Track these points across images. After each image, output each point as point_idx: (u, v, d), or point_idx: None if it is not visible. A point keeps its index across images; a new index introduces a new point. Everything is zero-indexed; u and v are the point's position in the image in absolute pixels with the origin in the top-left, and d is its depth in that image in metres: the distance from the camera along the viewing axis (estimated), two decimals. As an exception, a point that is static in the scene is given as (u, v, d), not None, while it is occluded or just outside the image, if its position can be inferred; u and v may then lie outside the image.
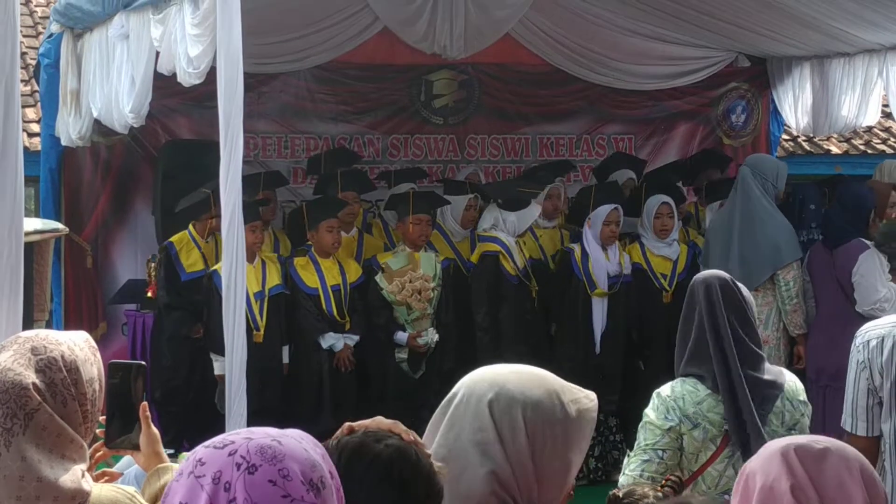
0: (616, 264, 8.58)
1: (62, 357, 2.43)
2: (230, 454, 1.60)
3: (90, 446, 2.72)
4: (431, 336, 8.04)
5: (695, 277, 4.27)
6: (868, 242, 7.74)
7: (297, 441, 1.66)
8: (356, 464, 2.01)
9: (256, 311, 7.78)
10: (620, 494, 3.32)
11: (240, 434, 1.65)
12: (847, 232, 7.80)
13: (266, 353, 7.81)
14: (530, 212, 8.50)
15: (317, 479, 1.61)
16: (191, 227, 8.20)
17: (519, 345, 8.16)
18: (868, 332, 3.99)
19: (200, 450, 1.64)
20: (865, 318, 7.41)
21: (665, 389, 4.18)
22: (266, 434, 1.65)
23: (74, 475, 2.36)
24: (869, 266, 7.66)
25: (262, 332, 7.79)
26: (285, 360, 8.04)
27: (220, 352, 6.71)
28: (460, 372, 2.41)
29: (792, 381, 4.13)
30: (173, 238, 8.22)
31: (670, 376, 4.34)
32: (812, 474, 1.96)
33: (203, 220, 8.09)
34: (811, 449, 1.99)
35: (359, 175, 9.24)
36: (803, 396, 4.10)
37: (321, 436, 1.83)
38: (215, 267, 7.41)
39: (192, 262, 8.14)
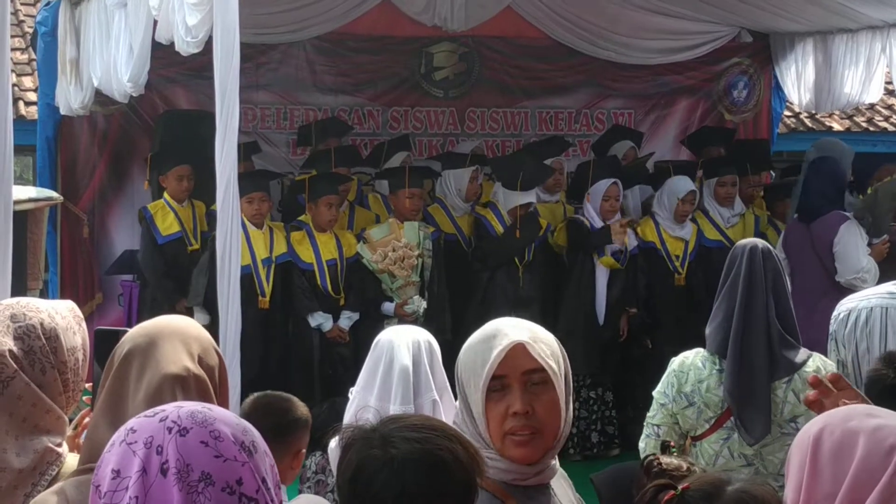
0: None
1: (41, 324, 2.40)
2: (161, 420, 1.66)
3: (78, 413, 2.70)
4: (418, 304, 7.96)
5: (737, 243, 4.25)
6: (848, 214, 7.77)
7: (226, 411, 1.73)
8: (373, 479, 1.97)
9: (263, 277, 7.78)
10: (662, 466, 3.26)
11: (171, 404, 1.72)
12: (823, 205, 7.82)
13: (271, 319, 7.85)
14: (520, 195, 8.35)
15: (248, 442, 1.67)
16: (165, 194, 8.24)
17: (511, 311, 8.12)
18: (842, 304, 3.98)
19: (132, 420, 1.70)
20: (845, 290, 7.46)
21: (677, 361, 4.18)
22: (197, 403, 1.73)
23: (36, 448, 2.33)
24: (850, 236, 7.70)
25: (267, 298, 7.80)
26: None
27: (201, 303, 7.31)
28: (457, 343, 2.37)
29: (809, 372, 3.88)
30: (149, 205, 8.30)
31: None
32: None
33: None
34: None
35: (351, 150, 9.22)
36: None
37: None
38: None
39: (167, 224, 8.17)
